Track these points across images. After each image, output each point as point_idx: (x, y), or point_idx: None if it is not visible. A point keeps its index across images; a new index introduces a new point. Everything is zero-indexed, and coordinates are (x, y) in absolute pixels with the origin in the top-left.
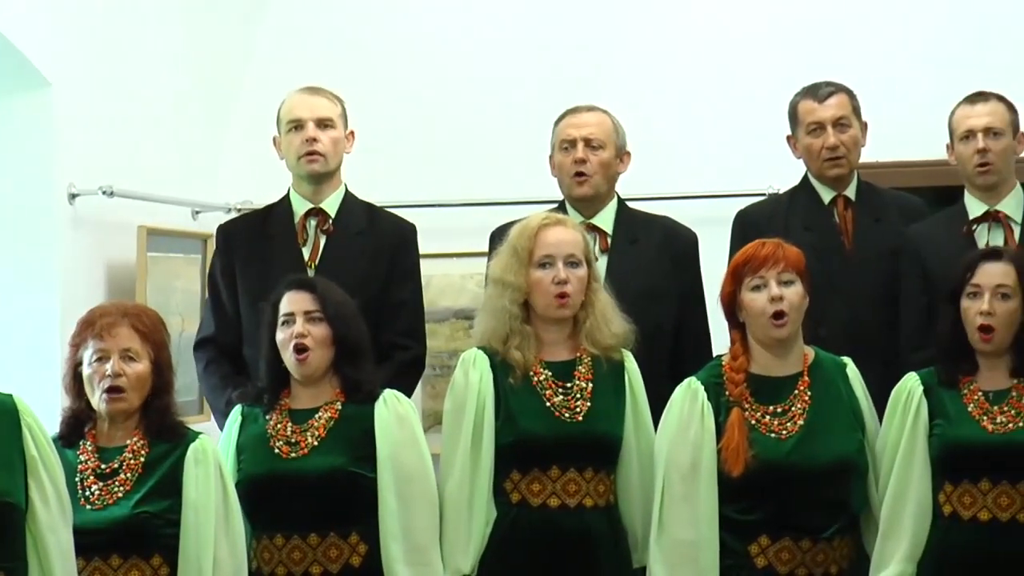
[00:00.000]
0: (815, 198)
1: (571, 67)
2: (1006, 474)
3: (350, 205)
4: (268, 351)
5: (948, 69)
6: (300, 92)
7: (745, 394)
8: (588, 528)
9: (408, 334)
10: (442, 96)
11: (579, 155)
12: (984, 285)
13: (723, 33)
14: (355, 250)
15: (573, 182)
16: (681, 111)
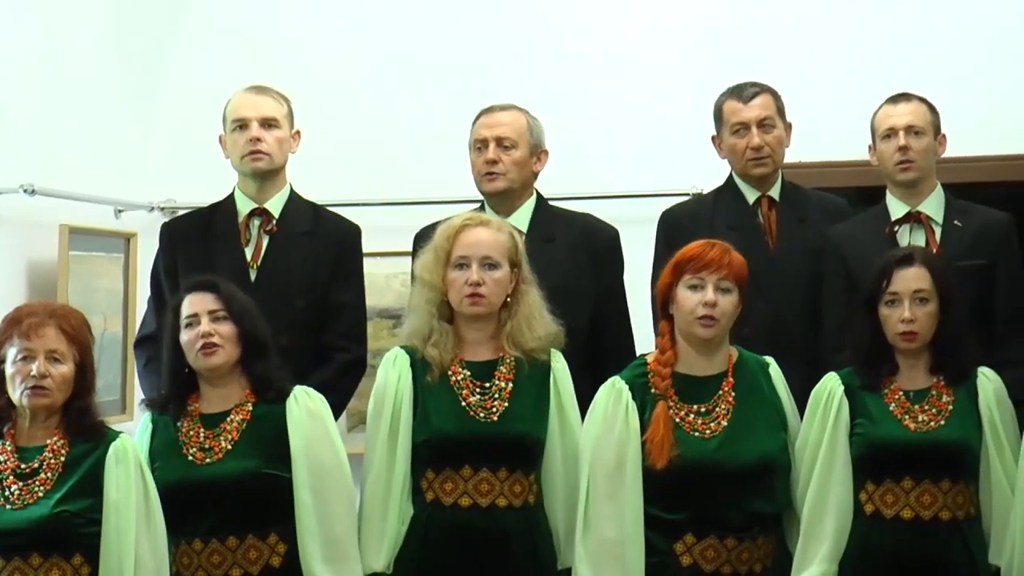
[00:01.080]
0: (739, 198)
1: (495, 67)
2: (928, 472)
3: (295, 205)
4: (171, 357)
5: (871, 70)
6: (246, 91)
7: (670, 390)
8: (501, 528)
9: (350, 336)
10: (369, 96)
11: (490, 155)
12: (902, 292)
13: (647, 33)
14: (299, 250)
15: (484, 179)
16: (605, 111)
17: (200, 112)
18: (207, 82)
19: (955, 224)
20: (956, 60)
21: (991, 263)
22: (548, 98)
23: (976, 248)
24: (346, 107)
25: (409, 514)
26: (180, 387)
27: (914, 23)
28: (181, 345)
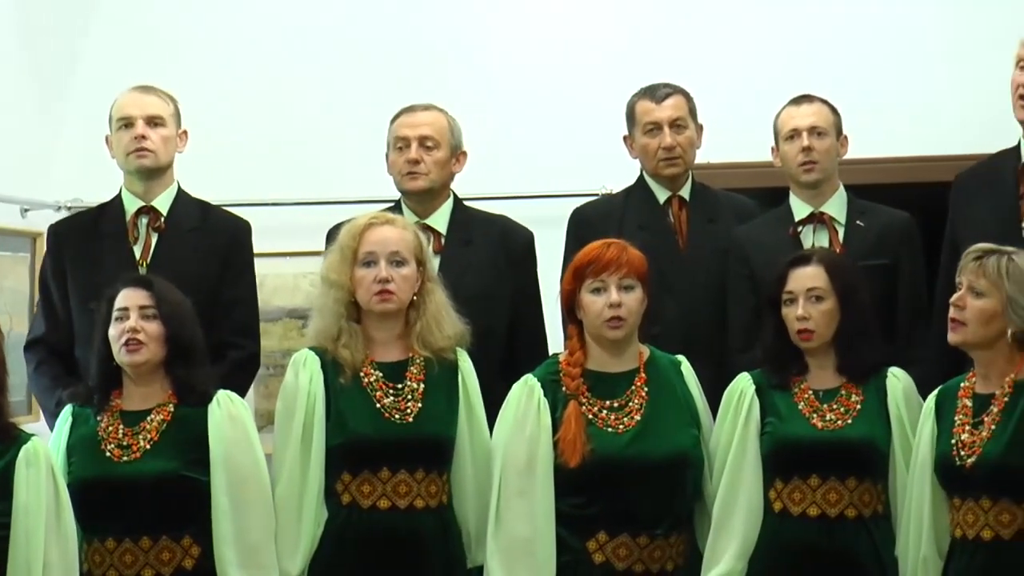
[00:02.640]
0: (650, 198)
1: (407, 66)
2: (835, 470)
3: (182, 203)
4: (100, 348)
5: (778, 72)
6: (132, 90)
7: (582, 388)
8: (419, 529)
9: (242, 332)
10: (278, 95)
11: (412, 155)
12: (797, 291)
13: (558, 33)
14: (187, 248)
15: (405, 178)
16: (516, 111)
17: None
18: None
19: (858, 224)
20: (858, 62)
21: (893, 263)
22: (462, 98)
23: (878, 248)
24: (257, 107)
25: (324, 517)
26: (106, 381)
27: (818, 26)
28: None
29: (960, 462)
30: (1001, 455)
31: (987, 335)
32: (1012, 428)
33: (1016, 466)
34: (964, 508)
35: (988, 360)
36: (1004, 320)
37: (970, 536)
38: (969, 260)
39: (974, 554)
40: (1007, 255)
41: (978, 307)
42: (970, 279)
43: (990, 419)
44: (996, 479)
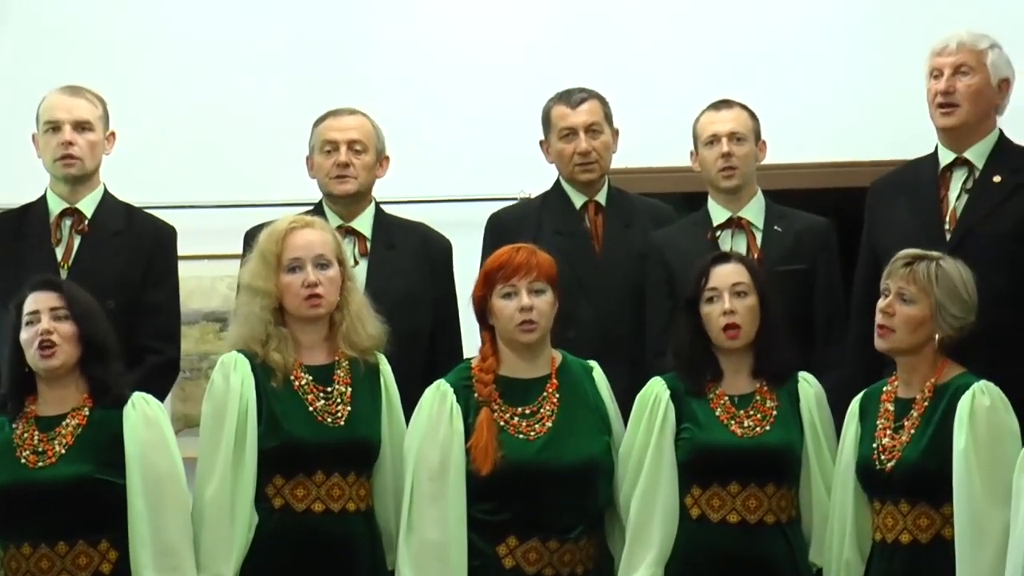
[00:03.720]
0: (567, 203)
1: (326, 69)
2: (754, 477)
3: (108, 205)
4: (12, 354)
5: (696, 77)
6: (59, 92)
7: (494, 395)
8: (350, 533)
9: (162, 337)
10: (196, 96)
11: (342, 158)
12: (721, 287)
13: (475, 37)
14: (111, 251)
15: (333, 181)
16: (433, 114)
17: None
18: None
19: (775, 229)
20: (776, 68)
21: (810, 267)
22: (379, 101)
23: (796, 253)
24: (174, 108)
25: (255, 521)
26: (19, 387)
27: (736, 31)
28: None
29: (880, 466)
30: (919, 459)
31: (915, 341)
32: (931, 433)
33: (934, 470)
34: (884, 512)
35: (912, 365)
36: (932, 326)
37: (889, 540)
38: (898, 266)
39: (893, 558)
40: (935, 261)
41: (907, 313)
42: (899, 285)
43: (910, 423)
44: (914, 483)
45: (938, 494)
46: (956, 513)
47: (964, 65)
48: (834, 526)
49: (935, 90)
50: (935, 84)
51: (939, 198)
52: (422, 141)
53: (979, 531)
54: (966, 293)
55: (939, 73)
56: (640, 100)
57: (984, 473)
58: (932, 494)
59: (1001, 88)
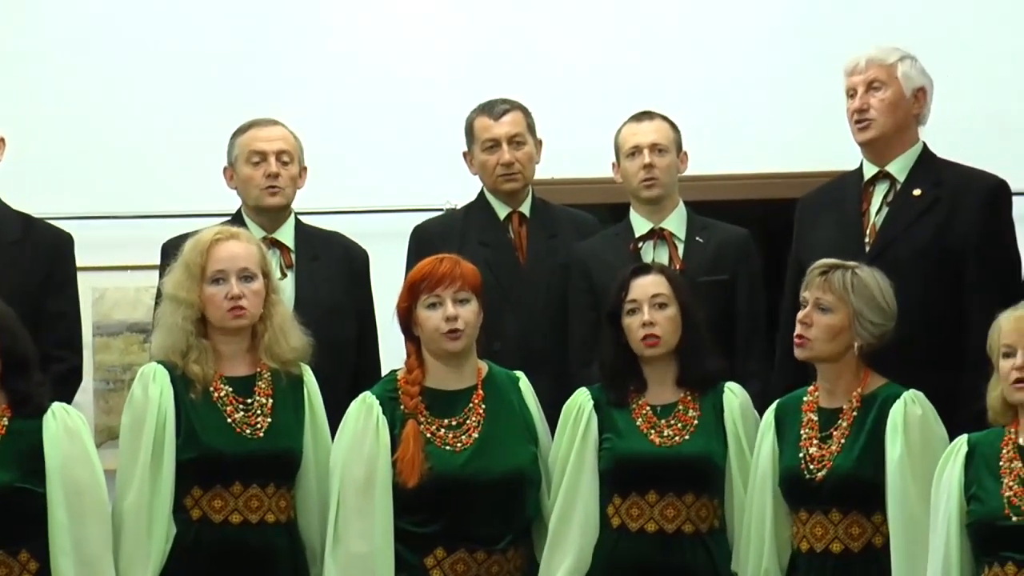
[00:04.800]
0: (491, 214)
1: (245, 78)
2: (672, 486)
3: (3, 216)
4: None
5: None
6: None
7: (420, 407)
8: (270, 544)
9: (64, 345)
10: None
11: (273, 169)
12: (640, 298)
13: (400, 48)
14: (7, 260)
15: (264, 193)
16: (358, 125)
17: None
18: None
19: (697, 240)
20: (701, 79)
21: (732, 278)
22: (303, 111)
23: (717, 264)
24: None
25: (173, 532)
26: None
27: (658, 42)
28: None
29: (810, 476)
30: (852, 468)
31: (834, 350)
32: (863, 441)
33: (867, 479)
34: (812, 522)
35: (835, 375)
36: (851, 334)
37: (818, 549)
38: (814, 276)
39: (824, 567)
40: (851, 270)
41: (825, 322)
42: (816, 295)
43: (839, 433)
44: (847, 492)
45: (870, 503)
46: (891, 522)
47: (876, 80)
48: (751, 537)
49: (851, 109)
50: (851, 103)
51: (861, 212)
52: (347, 152)
53: (915, 539)
54: (884, 300)
55: (853, 92)
56: (564, 111)
57: (918, 481)
58: (864, 503)
59: (917, 98)
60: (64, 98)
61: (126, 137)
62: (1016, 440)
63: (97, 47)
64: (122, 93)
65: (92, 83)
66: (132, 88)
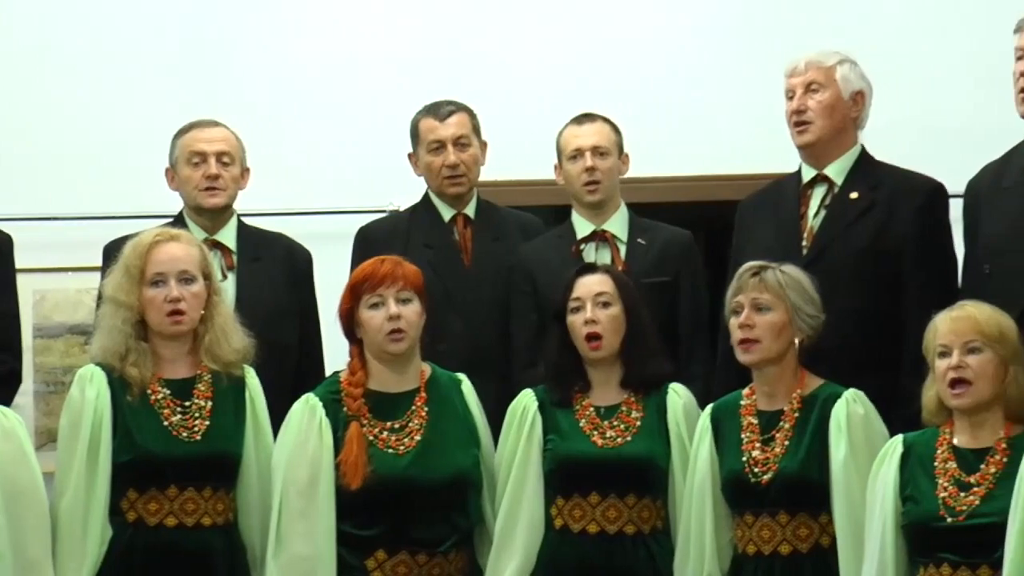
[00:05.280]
0: (435, 216)
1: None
2: (613, 488)
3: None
4: None
5: (562, 90)
6: None
7: (363, 409)
8: (206, 547)
9: (4, 348)
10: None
11: (213, 170)
12: (584, 297)
13: (344, 50)
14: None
15: (204, 193)
16: (302, 127)
17: None
18: None
19: (639, 242)
20: (644, 81)
21: (674, 280)
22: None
23: (659, 265)
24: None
25: (109, 535)
26: None
27: (601, 44)
28: None
29: (755, 479)
30: (798, 470)
31: (780, 348)
32: (807, 442)
33: (813, 480)
34: (759, 524)
35: (775, 377)
36: (792, 330)
37: (766, 552)
38: (747, 277)
39: (771, 570)
40: (777, 268)
41: (767, 321)
42: (753, 296)
43: (782, 435)
44: (794, 494)
45: (817, 503)
46: (837, 521)
47: (814, 83)
48: (691, 540)
49: (790, 111)
50: (789, 105)
51: (799, 215)
52: (291, 153)
53: (861, 538)
54: (813, 292)
55: (792, 94)
56: (508, 113)
57: (863, 480)
58: (811, 504)
59: (856, 101)
60: (3, 100)
61: (67, 138)
62: (951, 440)
63: (36, 49)
64: (63, 94)
65: (32, 85)
66: (73, 89)
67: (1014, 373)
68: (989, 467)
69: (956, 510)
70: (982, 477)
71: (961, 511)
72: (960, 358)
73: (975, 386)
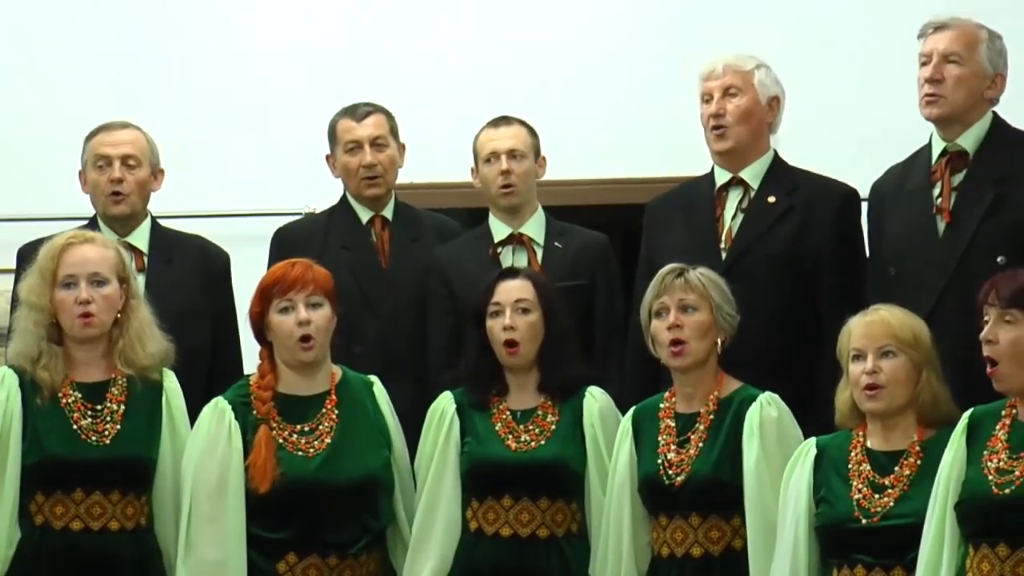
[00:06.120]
0: (353, 217)
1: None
2: (526, 491)
3: None
4: None
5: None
6: None
7: (272, 412)
8: (113, 552)
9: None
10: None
11: (116, 174)
12: (503, 302)
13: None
14: None
15: (109, 201)
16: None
17: None
18: None
19: (555, 246)
20: (557, 85)
21: (590, 283)
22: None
23: (576, 269)
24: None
25: (16, 538)
26: None
27: (516, 48)
28: None
29: (669, 481)
30: (710, 472)
31: (706, 349)
32: (720, 445)
33: (725, 482)
34: (672, 527)
35: (696, 379)
36: (716, 330)
37: (679, 554)
38: (671, 279)
39: (683, 572)
40: (696, 269)
41: (695, 321)
42: (679, 296)
43: (697, 437)
44: (706, 496)
45: (729, 506)
46: (749, 524)
47: (732, 87)
48: (608, 543)
49: (707, 114)
50: (706, 108)
51: (715, 217)
52: (208, 155)
53: (772, 541)
54: (728, 292)
55: (709, 97)
56: (426, 115)
57: (776, 483)
58: (723, 506)
59: (771, 106)
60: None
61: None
62: (864, 443)
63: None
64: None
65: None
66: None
67: (927, 377)
68: (903, 469)
69: (870, 511)
70: (896, 479)
71: (876, 512)
72: (874, 363)
73: (888, 391)
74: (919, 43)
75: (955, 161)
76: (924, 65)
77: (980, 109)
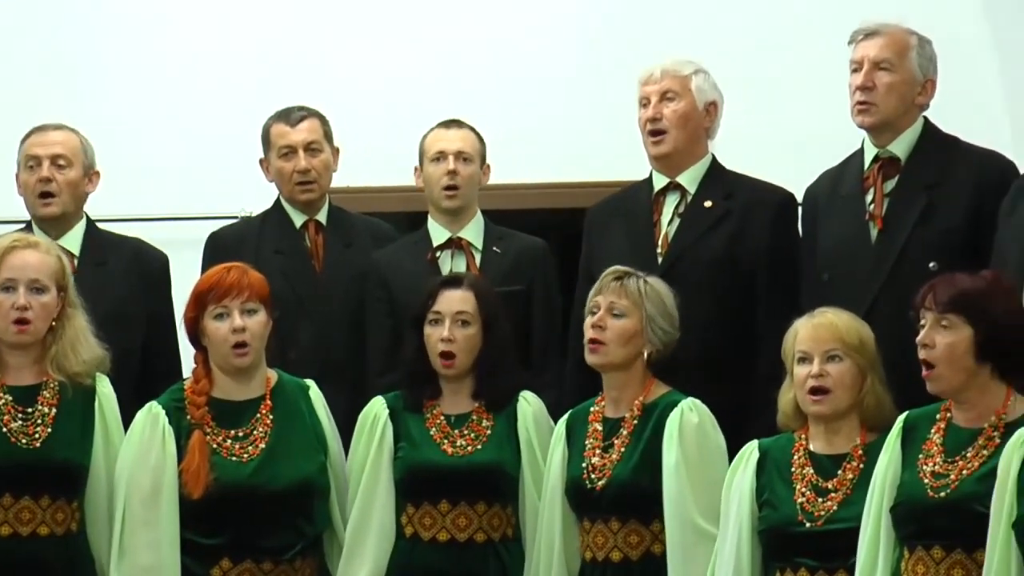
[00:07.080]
0: (287, 222)
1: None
2: (463, 496)
3: None
4: None
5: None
6: None
7: (207, 417)
8: (42, 557)
9: None
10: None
11: (44, 174)
12: (444, 312)
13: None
14: None
15: (38, 202)
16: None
17: None
18: None
19: (494, 251)
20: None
21: (528, 288)
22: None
23: (514, 274)
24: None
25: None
26: None
27: (453, 51)
28: None
29: (591, 485)
30: (630, 477)
31: (626, 355)
32: (640, 450)
33: (644, 487)
34: (594, 530)
35: (622, 383)
36: (642, 341)
37: (600, 558)
38: (609, 281)
39: None
40: (642, 278)
41: (619, 327)
42: (611, 299)
43: (620, 442)
44: (624, 501)
45: (648, 511)
46: (668, 529)
47: (670, 91)
48: (541, 546)
49: (644, 118)
50: (644, 112)
51: (652, 222)
52: (141, 158)
53: (690, 546)
54: (673, 309)
55: (647, 101)
56: (361, 119)
57: (694, 489)
58: (642, 511)
59: (709, 112)
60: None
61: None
62: (807, 446)
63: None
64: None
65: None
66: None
67: (871, 382)
68: (846, 473)
69: (814, 515)
70: (839, 483)
71: (819, 516)
72: (820, 366)
73: (834, 394)
74: (850, 50)
75: (887, 167)
76: (855, 72)
77: (911, 115)
